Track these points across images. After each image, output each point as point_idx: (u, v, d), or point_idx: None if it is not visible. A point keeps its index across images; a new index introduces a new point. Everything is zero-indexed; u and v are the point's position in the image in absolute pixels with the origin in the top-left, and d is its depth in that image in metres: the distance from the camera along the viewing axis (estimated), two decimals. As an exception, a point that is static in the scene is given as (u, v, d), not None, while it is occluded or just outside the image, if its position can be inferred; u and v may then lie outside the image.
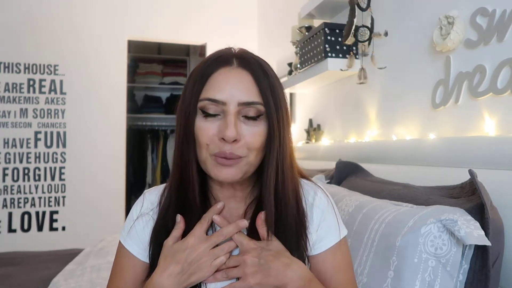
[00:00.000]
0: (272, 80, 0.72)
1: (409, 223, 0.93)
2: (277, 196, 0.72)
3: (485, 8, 1.18)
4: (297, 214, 0.74)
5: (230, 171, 0.69)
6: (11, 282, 1.57)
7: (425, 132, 1.43)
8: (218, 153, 0.68)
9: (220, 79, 0.69)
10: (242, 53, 0.73)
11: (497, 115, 1.14)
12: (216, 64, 0.71)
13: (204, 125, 0.69)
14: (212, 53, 0.75)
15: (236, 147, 0.68)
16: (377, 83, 1.75)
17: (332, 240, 0.77)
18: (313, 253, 0.76)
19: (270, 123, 0.70)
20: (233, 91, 0.68)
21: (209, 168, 0.70)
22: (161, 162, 4.32)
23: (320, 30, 1.86)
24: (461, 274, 0.88)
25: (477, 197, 0.92)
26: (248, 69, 0.71)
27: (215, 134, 0.68)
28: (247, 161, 0.70)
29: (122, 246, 0.79)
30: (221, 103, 0.68)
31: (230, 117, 0.67)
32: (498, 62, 1.13)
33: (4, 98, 2.91)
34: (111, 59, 3.15)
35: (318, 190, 0.79)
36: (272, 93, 0.71)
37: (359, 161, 1.59)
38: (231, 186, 0.76)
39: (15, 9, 2.94)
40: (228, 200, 0.78)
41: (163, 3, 3.26)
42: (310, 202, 0.77)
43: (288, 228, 0.72)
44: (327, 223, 0.77)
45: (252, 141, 0.69)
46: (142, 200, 0.81)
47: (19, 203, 2.94)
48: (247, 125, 0.69)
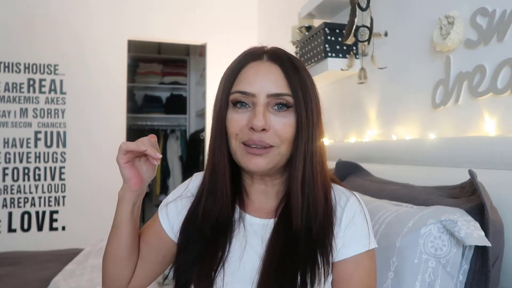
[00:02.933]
0: (303, 74, 0.73)
1: (409, 224, 0.93)
2: (304, 189, 0.72)
3: (485, 8, 1.18)
4: (325, 210, 0.73)
5: (260, 160, 0.70)
6: (11, 282, 1.57)
7: (425, 132, 1.43)
8: (247, 140, 0.70)
9: (250, 73, 0.72)
10: (273, 49, 0.76)
11: (497, 115, 1.14)
12: (247, 58, 0.74)
13: (234, 116, 0.72)
14: (244, 50, 0.77)
15: (265, 136, 0.69)
16: (377, 83, 1.75)
17: (358, 249, 0.73)
18: (336, 259, 0.73)
19: (298, 115, 0.71)
20: (262, 83, 0.70)
21: (239, 157, 0.72)
22: (161, 162, 4.32)
23: (320, 30, 1.86)
24: (461, 274, 0.88)
25: (477, 197, 0.92)
26: (278, 63, 0.72)
27: (245, 124, 0.71)
28: (278, 152, 0.71)
29: (157, 217, 0.83)
30: (251, 95, 0.70)
31: (259, 107, 0.69)
32: (498, 62, 1.13)
33: (4, 98, 2.91)
34: (111, 59, 3.14)
35: (351, 197, 0.78)
36: (302, 86, 0.72)
37: (359, 161, 1.59)
38: (261, 181, 0.77)
39: (15, 9, 2.94)
40: (259, 196, 0.78)
41: (163, 3, 3.25)
42: (341, 207, 0.76)
43: (315, 222, 0.71)
44: (356, 229, 0.74)
45: (282, 131, 0.70)
46: (189, 182, 0.85)
47: (19, 203, 2.93)
48: (276, 116, 0.71)
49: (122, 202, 0.77)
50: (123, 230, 0.78)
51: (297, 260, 0.69)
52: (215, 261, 0.72)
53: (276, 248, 0.71)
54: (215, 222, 0.75)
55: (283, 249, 0.70)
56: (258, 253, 0.73)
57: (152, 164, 0.79)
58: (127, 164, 0.75)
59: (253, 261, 0.72)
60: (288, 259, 0.69)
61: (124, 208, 0.77)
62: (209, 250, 0.73)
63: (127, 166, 0.75)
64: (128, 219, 0.78)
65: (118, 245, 0.79)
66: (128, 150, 0.73)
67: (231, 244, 0.74)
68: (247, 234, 0.75)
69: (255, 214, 0.77)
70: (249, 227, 0.76)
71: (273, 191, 0.78)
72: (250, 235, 0.75)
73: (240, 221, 0.76)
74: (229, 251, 0.74)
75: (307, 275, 0.68)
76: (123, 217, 0.78)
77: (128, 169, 0.75)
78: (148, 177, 0.79)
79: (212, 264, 0.72)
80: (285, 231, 0.72)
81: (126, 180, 0.76)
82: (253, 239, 0.75)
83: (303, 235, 0.71)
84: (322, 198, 0.73)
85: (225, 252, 0.73)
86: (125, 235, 0.78)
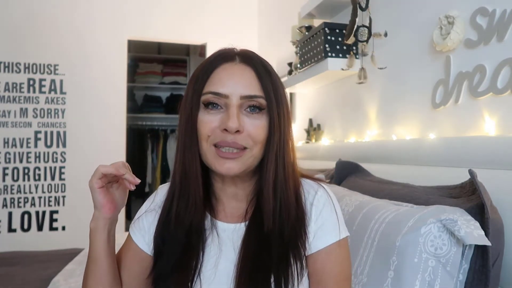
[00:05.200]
0: (274, 78, 0.73)
1: (409, 223, 0.93)
2: (276, 191, 0.71)
3: (485, 8, 1.18)
4: (296, 211, 0.72)
5: (232, 164, 0.69)
6: (11, 282, 1.57)
7: (425, 132, 1.43)
8: (219, 142, 0.68)
9: (223, 74, 0.71)
10: (244, 51, 0.75)
11: (497, 115, 1.14)
12: (219, 60, 0.73)
13: (206, 117, 0.70)
14: (214, 51, 0.76)
15: (239, 138, 0.68)
16: (377, 83, 1.75)
17: (328, 240, 0.72)
18: (309, 253, 0.72)
19: (271, 117, 0.71)
20: (235, 85, 0.69)
21: (210, 160, 0.70)
22: (161, 162, 4.32)
23: (320, 30, 1.86)
24: (461, 274, 0.88)
25: (477, 197, 0.92)
26: (251, 65, 0.72)
27: (217, 126, 0.69)
28: (251, 154, 0.70)
29: (130, 237, 0.81)
30: (223, 96, 0.69)
31: (233, 109, 0.68)
32: (498, 62, 1.13)
33: (4, 98, 2.91)
34: (111, 59, 3.14)
35: (319, 189, 0.77)
36: (274, 89, 0.72)
37: (359, 161, 1.59)
38: (232, 184, 0.76)
39: (15, 8, 2.94)
40: (230, 200, 0.77)
41: (163, 3, 3.26)
42: (310, 201, 0.75)
43: (287, 225, 0.71)
44: (325, 221, 0.74)
45: (255, 133, 0.69)
46: (154, 195, 0.83)
47: (19, 202, 2.94)
48: (249, 118, 0.70)
49: (96, 233, 0.74)
50: (101, 263, 0.74)
51: (270, 264, 0.68)
52: (190, 271, 0.71)
53: (249, 254, 0.70)
54: (188, 226, 0.73)
55: (256, 254, 0.70)
56: (232, 260, 0.72)
57: (125, 190, 0.78)
58: (101, 189, 0.73)
59: (227, 269, 0.71)
60: (261, 264, 0.68)
61: (99, 238, 0.74)
62: (184, 257, 0.72)
63: (101, 191, 0.73)
64: (105, 250, 0.74)
65: (98, 282, 0.74)
66: (105, 173, 0.72)
67: (204, 253, 0.73)
68: (220, 241, 0.74)
69: (226, 219, 0.76)
70: (222, 233, 0.75)
71: (243, 194, 0.77)
72: (223, 241, 0.74)
73: (212, 229, 0.75)
74: (203, 259, 0.73)
75: (281, 279, 0.67)
76: (100, 249, 0.74)
77: (102, 195, 0.73)
78: (120, 204, 0.78)
79: (187, 274, 0.71)
80: (257, 235, 0.71)
81: (99, 207, 0.74)
82: (226, 246, 0.74)
83: (275, 237, 0.70)
84: (293, 200, 0.73)
85: (199, 261, 0.72)
86: (104, 269, 0.74)
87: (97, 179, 0.73)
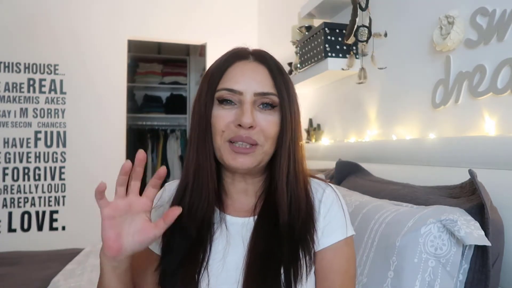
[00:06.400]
0: (286, 77, 0.76)
1: (409, 223, 0.93)
2: (288, 187, 0.73)
3: (485, 8, 1.18)
4: (306, 207, 0.74)
5: (245, 159, 0.71)
6: (11, 282, 1.57)
7: (425, 132, 1.43)
8: (234, 137, 0.70)
9: (237, 71, 0.73)
10: (258, 50, 0.78)
11: (497, 115, 1.14)
12: (233, 58, 0.75)
13: (221, 113, 0.72)
14: (228, 50, 0.78)
15: (252, 133, 0.70)
16: (377, 83, 1.75)
17: (336, 237, 0.74)
18: (317, 250, 0.74)
19: (283, 114, 0.73)
20: (249, 82, 0.72)
21: (224, 155, 0.72)
22: (161, 162, 4.32)
23: (320, 30, 1.86)
24: (461, 274, 0.88)
25: (477, 197, 0.92)
26: (264, 63, 0.75)
27: (231, 121, 0.71)
28: (263, 150, 0.72)
29: None
30: (238, 93, 0.71)
31: (247, 105, 0.70)
32: (498, 62, 1.13)
33: (4, 98, 2.91)
34: (111, 59, 3.14)
35: (327, 188, 0.80)
36: (286, 87, 0.74)
37: (359, 161, 1.59)
38: (243, 180, 0.77)
39: (15, 9, 2.94)
40: (239, 195, 0.79)
41: (163, 3, 3.26)
42: (319, 198, 0.77)
43: (297, 219, 0.72)
44: (333, 219, 0.76)
45: (267, 128, 0.71)
46: (162, 191, 0.82)
47: (19, 202, 2.94)
48: (262, 114, 0.72)
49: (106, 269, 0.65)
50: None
51: (280, 257, 0.70)
52: (197, 264, 0.71)
53: (258, 247, 0.71)
54: (200, 221, 0.73)
55: (265, 248, 0.71)
56: (240, 253, 0.72)
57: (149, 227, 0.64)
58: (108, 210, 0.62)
59: (236, 262, 0.72)
60: (271, 257, 0.70)
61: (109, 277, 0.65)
62: (192, 251, 0.72)
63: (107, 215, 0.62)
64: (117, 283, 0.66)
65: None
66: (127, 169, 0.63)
67: (212, 246, 0.74)
68: (229, 234, 0.75)
69: (235, 214, 0.77)
70: (230, 227, 0.76)
71: (253, 189, 0.79)
72: (231, 235, 0.75)
73: (221, 222, 0.76)
74: (211, 252, 0.73)
75: (291, 272, 0.69)
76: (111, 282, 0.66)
77: (107, 220, 0.62)
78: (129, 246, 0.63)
79: (194, 267, 0.71)
80: (266, 229, 0.72)
81: (102, 238, 0.63)
82: (235, 239, 0.74)
83: (285, 232, 0.71)
84: (303, 195, 0.75)
85: (206, 254, 0.72)
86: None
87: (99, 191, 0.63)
